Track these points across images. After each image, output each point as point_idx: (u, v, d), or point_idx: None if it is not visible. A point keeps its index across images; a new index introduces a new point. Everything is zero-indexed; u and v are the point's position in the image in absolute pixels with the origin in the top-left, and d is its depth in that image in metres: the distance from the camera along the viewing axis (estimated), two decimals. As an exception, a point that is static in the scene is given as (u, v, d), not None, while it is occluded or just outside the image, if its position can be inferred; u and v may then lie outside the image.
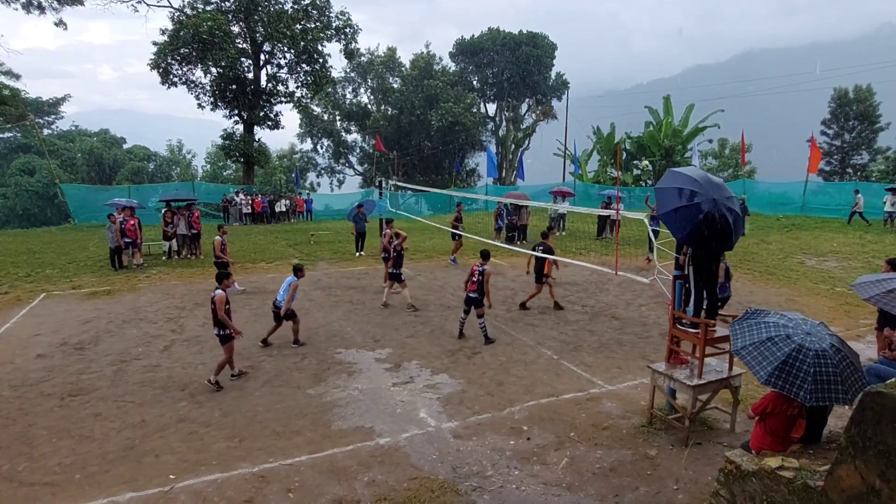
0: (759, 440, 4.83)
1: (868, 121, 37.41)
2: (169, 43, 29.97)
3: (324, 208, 34.73)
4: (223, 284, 7.86)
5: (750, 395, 6.96)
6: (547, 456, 5.94)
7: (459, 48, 52.90)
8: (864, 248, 17.42)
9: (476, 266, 9.61)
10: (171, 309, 11.74)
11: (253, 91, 33.04)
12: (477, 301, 9.49)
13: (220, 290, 7.74)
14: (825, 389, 4.28)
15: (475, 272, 9.52)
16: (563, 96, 50.24)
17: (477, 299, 9.48)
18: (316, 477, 5.55)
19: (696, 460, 5.82)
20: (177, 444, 6.19)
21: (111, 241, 15.76)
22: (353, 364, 8.68)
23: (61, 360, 8.82)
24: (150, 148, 58.92)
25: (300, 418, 6.84)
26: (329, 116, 52.57)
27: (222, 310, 7.62)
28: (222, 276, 7.95)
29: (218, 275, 7.98)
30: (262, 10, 31.53)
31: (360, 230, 18.19)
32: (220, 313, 7.61)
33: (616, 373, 8.32)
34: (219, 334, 7.76)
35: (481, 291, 9.43)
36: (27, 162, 46.54)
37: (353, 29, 34.21)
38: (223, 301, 7.66)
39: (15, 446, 6.14)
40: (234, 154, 34.51)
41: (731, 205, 5.85)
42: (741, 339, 4.80)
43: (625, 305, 12.19)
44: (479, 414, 6.95)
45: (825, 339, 4.53)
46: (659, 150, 35.47)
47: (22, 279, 14.52)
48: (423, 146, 49.31)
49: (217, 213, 30.61)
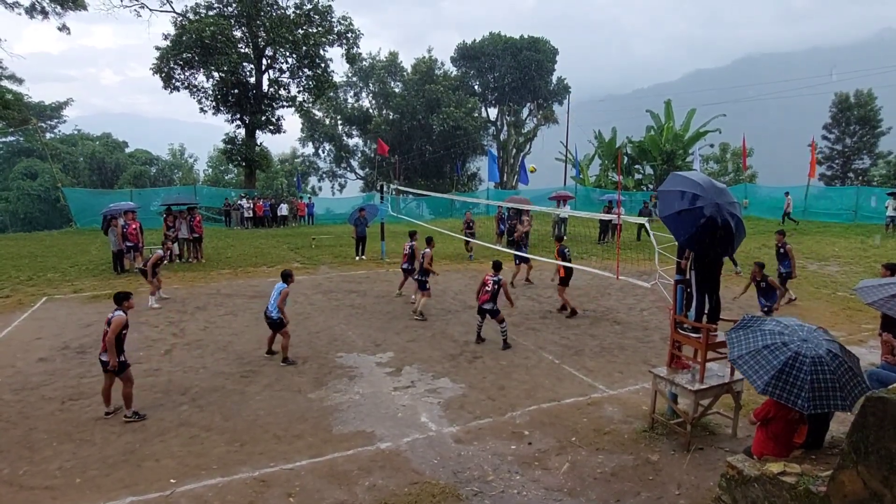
0: (761, 445, 4.82)
1: (869, 125, 37.48)
2: (171, 47, 30.11)
3: (325, 212, 34.78)
4: (123, 305, 6.96)
5: (752, 399, 6.93)
6: (548, 461, 5.93)
7: (461, 53, 53.07)
8: (866, 253, 17.39)
9: (489, 277, 9.58)
10: (173, 313, 11.74)
11: (255, 95, 33.15)
12: (493, 311, 9.46)
13: (120, 311, 6.87)
14: (823, 396, 4.26)
15: (489, 283, 9.49)
16: (564, 101, 50.37)
17: (491, 310, 9.45)
18: (317, 481, 5.53)
19: (698, 465, 5.80)
20: (177, 449, 6.18)
21: (114, 244, 15.79)
22: (354, 368, 8.67)
23: (62, 363, 8.83)
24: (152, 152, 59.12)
25: (301, 422, 6.83)
26: (331, 121, 52.70)
27: (115, 333, 6.64)
28: (121, 296, 7.06)
29: (117, 295, 7.11)
30: (264, 14, 31.67)
31: (360, 234, 18.18)
32: (109, 336, 6.63)
33: (617, 377, 8.31)
34: (104, 361, 6.77)
35: (494, 301, 9.42)
36: (29, 166, 46.67)
37: (354, 33, 34.33)
38: (120, 324, 6.72)
39: (16, 450, 6.14)
40: (236, 158, 34.62)
41: (733, 210, 5.87)
42: (738, 347, 4.78)
43: (626, 310, 12.17)
44: (481, 418, 6.94)
45: (822, 345, 4.50)
46: (660, 154, 35.50)
47: (24, 283, 14.55)
48: (425, 150, 49.39)
49: (219, 216, 30.67)
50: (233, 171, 53.13)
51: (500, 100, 53.49)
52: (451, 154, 47.78)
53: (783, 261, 11.92)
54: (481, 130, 51.51)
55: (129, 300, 7.13)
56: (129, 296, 7.19)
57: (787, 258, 11.85)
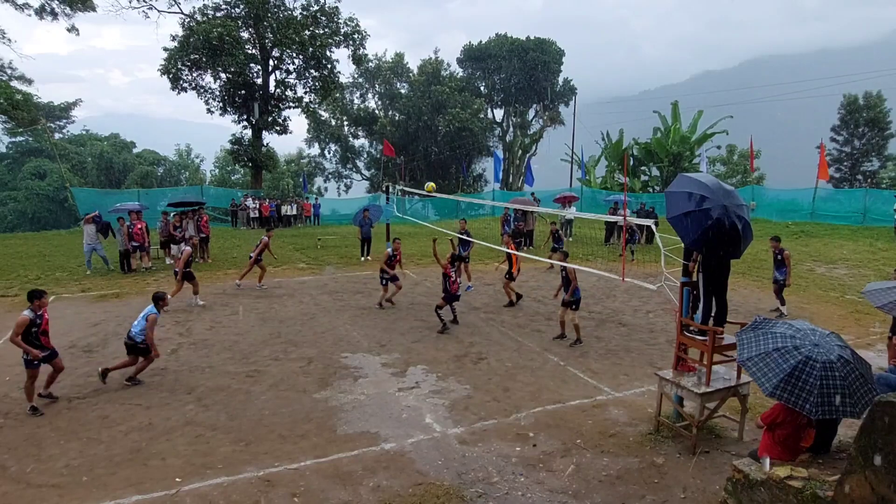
0: (768, 449, 4.79)
1: (878, 127, 37.19)
2: (179, 49, 30.30)
3: (331, 213, 34.87)
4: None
5: (758, 403, 6.89)
6: (553, 463, 5.91)
7: (467, 54, 53.13)
8: (875, 256, 17.26)
9: (450, 269, 10.53)
10: (179, 312, 11.80)
11: (262, 96, 33.30)
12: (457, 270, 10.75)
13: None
14: (832, 402, 4.22)
15: (451, 273, 10.49)
16: (570, 102, 50.29)
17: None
18: (321, 481, 5.54)
19: (704, 469, 5.77)
20: (183, 447, 6.21)
21: (120, 244, 15.90)
22: (359, 369, 8.68)
23: (70, 362, 8.85)
24: (160, 152, 59.50)
25: (306, 422, 6.85)
26: (337, 121, 52.86)
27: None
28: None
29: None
30: (271, 16, 31.81)
31: (365, 235, 18.21)
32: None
33: (623, 380, 8.28)
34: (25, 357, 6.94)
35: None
36: (38, 166, 47.08)
37: (361, 35, 34.42)
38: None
39: (23, 447, 6.18)
40: (243, 158, 34.77)
41: (741, 212, 5.84)
42: (747, 349, 4.75)
43: (632, 312, 12.13)
44: (485, 420, 6.93)
45: (833, 350, 4.47)
46: (667, 156, 35.38)
47: (32, 282, 14.65)
48: (431, 151, 49.44)
49: (225, 217, 30.81)
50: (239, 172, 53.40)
51: (507, 101, 53.49)
52: (457, 155, 47.80)
53: (780, 268, 11.39)
54: (487, 132, 51.48)
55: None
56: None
57: (783, 265, 11.30)
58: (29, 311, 6.93)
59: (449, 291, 10.56)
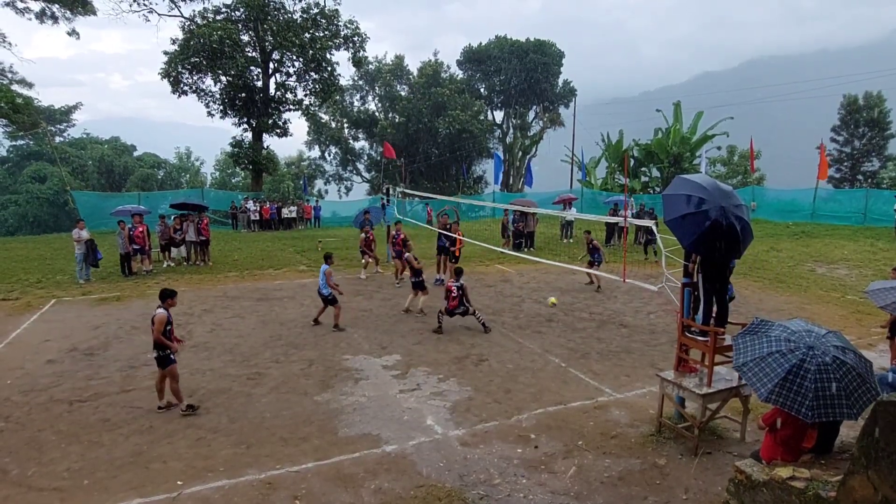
0: (770, 450, 4.77)
1: (878, 127, 37.19)
2: (179, 52, 30.38)
3: (331, 215, 34.87)
4: (166, 303, 7.21)
5: (760, 404, 6.85)
6: (555, 464, 5.90)
7: (467, 56, 53.21)
8: (876, 256, 17.24)
9: (452, 284, 10.48)
10: (180, 315, 11.77)
11: (262, 99, 33.34)
12: (464, 312, 10.48)
13: (162, 308, 7.14)
14: (827, 405, 4.20)
15: (453, 289, 10.39)
16: (570, 103, 50.36)
17: (463, 312, 10.48)
18: (322, 484, 5.54)
19: (706, 470, 5.76)
20: (184, 450, 6.20)
21: (121, 247, 15.91)
22: (360, 371, 8.67)
23: (71, 365, 8.88)
24: (160, 155, 59.49)
25: (307, 425, 6.84)
26: (337, 124, 52.93)
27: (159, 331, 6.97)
28: (165, 293, 7.31)
29: (162, 292, 7.37)
30: (271, 19, 31.88)
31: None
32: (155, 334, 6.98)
33: (624, 381, 8.27)
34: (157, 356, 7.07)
35: (462, 304, 10.42)
36: (39, 169, 47.08)
37: (361, 37, 34.52)
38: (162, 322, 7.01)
39: (24, 451, 6.18)
40: (243, 161, 34.82)
41: (739, 213, 5.82)
42: (743, 354, 4.73)
43: (633, 313, 12.12)
44: (487, 422, 6.92)
45: (829, 352, 4.41)
46: (667, 157, 35.38)
47: (33, 285, 14.67)
48: (431, 153, 49.47)
49: (226, 220, 30.82)
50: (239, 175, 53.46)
51: (506, 103, 53.57)
52: (458, 157, 47.84)
53: None
54: (487, 133, 51.55)
55: (173, 298, 7.33)
56: (174, 294, 7.39)
57: None
58: (162, 310, 7.08)
59: (447, 307, 10.56)
